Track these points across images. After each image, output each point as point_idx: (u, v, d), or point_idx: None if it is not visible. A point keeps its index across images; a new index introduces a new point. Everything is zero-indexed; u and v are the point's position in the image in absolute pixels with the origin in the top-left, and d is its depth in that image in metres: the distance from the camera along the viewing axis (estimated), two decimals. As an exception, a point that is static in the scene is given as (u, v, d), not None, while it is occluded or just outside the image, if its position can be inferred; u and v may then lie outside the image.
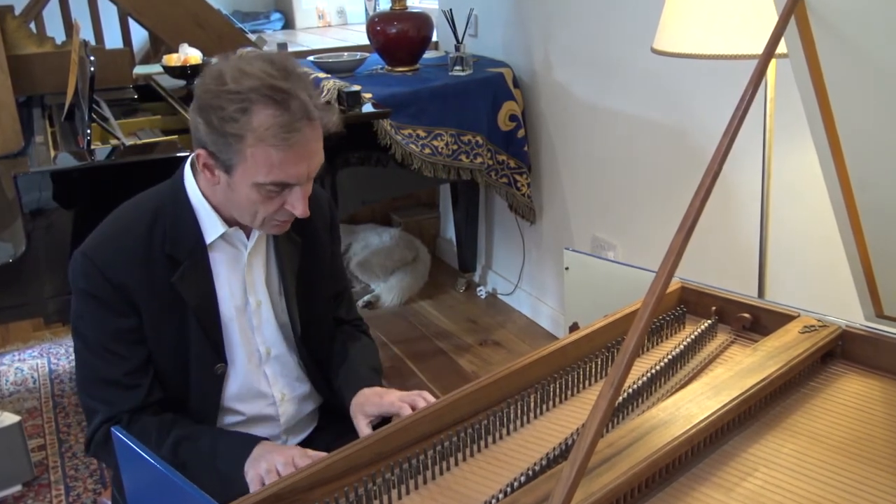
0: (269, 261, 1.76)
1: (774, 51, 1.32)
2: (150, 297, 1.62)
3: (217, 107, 1.50)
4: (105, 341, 1.62)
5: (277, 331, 1.78)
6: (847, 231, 1.55)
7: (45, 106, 3.53)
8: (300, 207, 1.58)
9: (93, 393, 1.65)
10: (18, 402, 3.50)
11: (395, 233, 4.53)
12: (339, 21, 6.11)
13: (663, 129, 3.03)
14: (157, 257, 1.62)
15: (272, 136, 1.48)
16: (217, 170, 1.57)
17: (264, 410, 1.79)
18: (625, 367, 1.03)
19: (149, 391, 1.64)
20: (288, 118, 1.48)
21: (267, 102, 1.48)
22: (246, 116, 1.48)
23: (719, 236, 2.82)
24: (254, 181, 1.53)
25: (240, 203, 1.59)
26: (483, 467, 1.28)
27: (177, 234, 1.63)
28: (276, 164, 1.51)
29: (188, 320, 1.65)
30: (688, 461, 1.25)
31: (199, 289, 1.65)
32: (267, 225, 1.63)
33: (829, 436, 1.32)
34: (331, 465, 1.23)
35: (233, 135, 1.49)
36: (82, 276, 1.61)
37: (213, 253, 1.68)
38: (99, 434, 1.62)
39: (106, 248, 1.62)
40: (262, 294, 1.75)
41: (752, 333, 1.65)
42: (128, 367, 1.62)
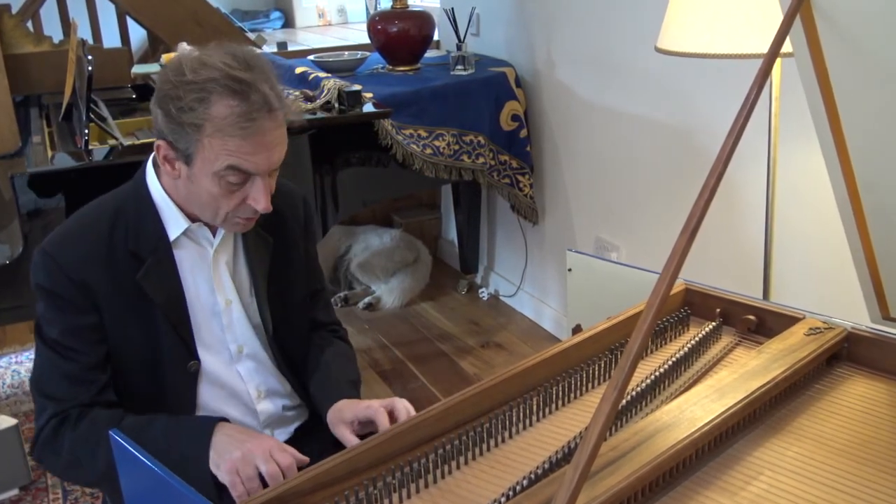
0: (237, 260, 1.76)
1: (779, 50, 1.32)
2: (114, 295, 1.62)
3: (175, 97, 1.51)
4: (63, 337, 1.61)
5: (250, 330, 1.77)
6: (853, 232, 1.55)
7: (42, 106, 3.54)
8: (262, 201, 1.58)
9: (45, 390, 1.63)
10: (15, 404, 3.50)
11: (396, 234, 4.54)
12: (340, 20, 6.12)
13: (667, 129, 3.03)
14: (119, 255, 1.62)
15: (230, 125, 1.49)
16: (177, 162, 1.57)
17: (241, 408, 1.78)
18: (628, 369, 1.03)
19: (102, 388, 1.63)
20: (246, 108, 1.49)
21: (225, 93, 1.49)
22: (204, 106, 1.49)
23: (724, 237, 2.82)
24: (213, 171, 1.53)
25: (201, 197, 1.58)
26: (485, 471, 1.28)
27: (139, 231, 1.64)
28: (233, 152, 1.51)
29: (156, 318, 1.65)
30: (692, 465, 1.25)
31: (165, 286, 1.65)
32: (230, 222, 1.62)
33: (835, 439, 1.32)
34: (332, 467, 1.23)
35: (190, 124, 1.50)
36: (42, 272, 1.61)
37: (178, 250, 1.67)
38: (46, 431, 1.60)
39: (67, 245, 1.62)
40: (231, 293, 1.74)
41: (756, 335, 1.65)
42: (83, 363, 1.61)
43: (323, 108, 3.11)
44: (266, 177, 1.58)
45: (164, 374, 1.68)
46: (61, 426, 1.59)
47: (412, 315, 4.24)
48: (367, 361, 3.72)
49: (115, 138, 2.95)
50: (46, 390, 1.63)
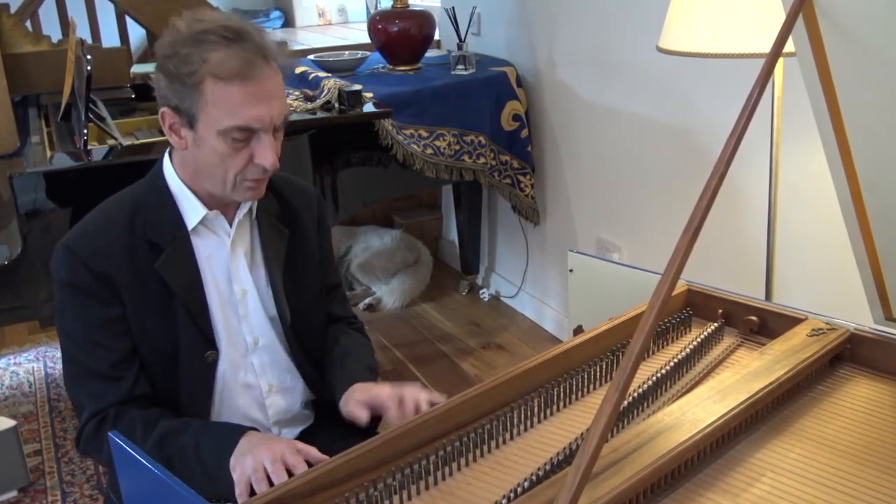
0: (254, 251, 1.78)
1: (782, 50, 1.32)
2: (134, 286, 1.64)
3: (173, 54, 1.55)
4: (88, 333, 1.63)
5: (266, 321, 1.79)
6: (856, 233, 1.55)
7: (41, 105, 3.54)
8: (269, 157, 1.59)
9: (79, 387, 1.66)
10: (14, 406, 3.50)
11: (397, 234, 4.54)
12: (340, 19, 6.11)
13: (669, 129, 3.03)
14: (139, 245, 1.65)
15: (228, 70, 1.52)
16: (183, 129, 1.60)
17: (251, 402, 1.80)
18: (630, 370, 1.03)
19: (134, 384, 1.65)
20: (243, 54, 1.53)
21: (220, 41, 1.53)
22: (201, 54, 1.52)
23: (726, 238, 2.82)
24: (217, 129, 1.55)
25: (209, 162, 1.60)
26: (486, 472, 1.28)
27: (157, 221, 1.66)
28: (236, 104, 1.54)
29: (175, 308, 1.67)
30: (694, 466, 1.25)
31: (184, 275, 1.67)
32: (240, 187, 1.64)
33: (838, 440, 1.32)
34: (332, 469, 1.23)
35: (189, 74, 1.53)
36: (64, 267, 1.63)
37: (195, 239, 1.70)
38: (87, 429, 1.64)
39: (87, 239, 1.65)
40: (247, 284, 1.76)
41: (759, 336, 1.65)
42: (112, 359, 1.64)
43: (323, 108, 3.11)
44: (270, 133, 1.59)
45: (182, 364, 1.70)
46: (101, 426, 1.63)
47: (413, 316, 4.24)
48: (367, 362, 3.71)
49: (115, 138, 2.95)
50: (80, 390, 1.66)
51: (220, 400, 1.76)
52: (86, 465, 3.07)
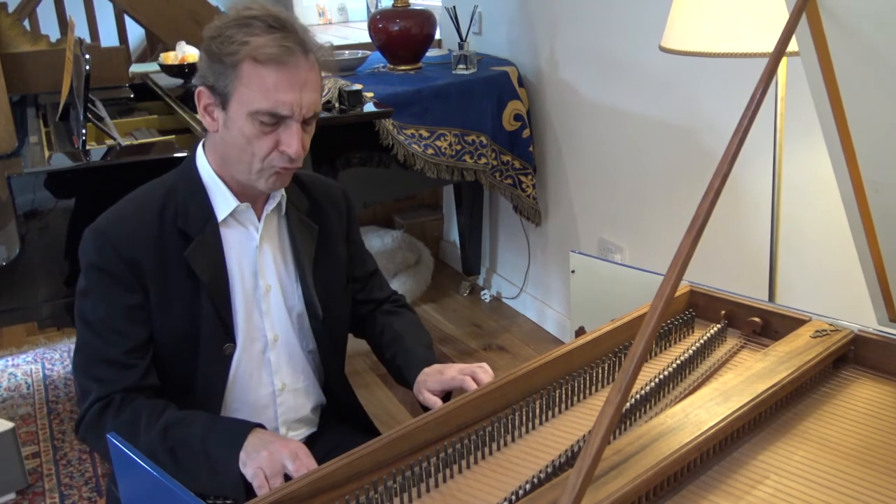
0: (283, 246, 1.81)
1: (785, 49, 1.32)
2: (162, 273, 1.67)
3: (218, 35, 1.61)
4: (108, 317, 1.65)
5: (287, 319, 1.81)
6: (860, 233, 1.55)
7: (39, 105, 3.54)
8: (294, 145, 1.62)
9: (89, 372, 1.67)
10: (12, 408, 3.50)
11: (398, 235, 4.54)
12: (340, 18, 6.12)
13: (672, 129, 3.03)
14: (168, 233, 1.68)
15: (266, 54, 1.57)
16: (215, 109, 1.64)
17: (262, 399, 1.81)
18: (632, 372, 1.04)
19: (145, 373, 1.67)
20: (283, 42, 1.58)
21: (264, 27, 1.59)
22: (244, 37, 1.58)
23: (729, 239, 2.82)
24: (248, 110, 1.59)
25: (236, 144, 1.63)
26: (487, 475, 1.28)
27: (188, 211, 1.70)
28: (269, 88, 1.58)
29: (199, 297, 1.69)
30: (697, 468, 1.25)
31: (211, 264, 1.70)
32: (265, 174, 1.66)
33: (842, 443, 1.32)
34: (332, 472, 1.23)
35: (229, 54, 1.58)
36: (94, 250, 1.66)
37: (224, 230, 1.73)
38: (90, 414, 1.64)
39: (118, 224, 1.68)
40: (272, 279, 1.78)
41: (762, 338, 1.65)
42: (127, 346, 1.65)
43: (323, 108, 3.11)
44: (298, 122, 1.63)
45: (200, 354, 1.71)
46: (104, 411, 1.64)
47: (413, 317, 4.24)
48: (368, 364, 3.72)
49: (113, 138, 2.95)
50: (89, 374, 1.67)
51: (232, 394, 1.77)
52: (84, 468, 3.07)
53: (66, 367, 3.82)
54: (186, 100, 3.45)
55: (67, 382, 3.68)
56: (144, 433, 1.58)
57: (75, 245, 1.69)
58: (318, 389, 1.91)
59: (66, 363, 3.85)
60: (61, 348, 4.00)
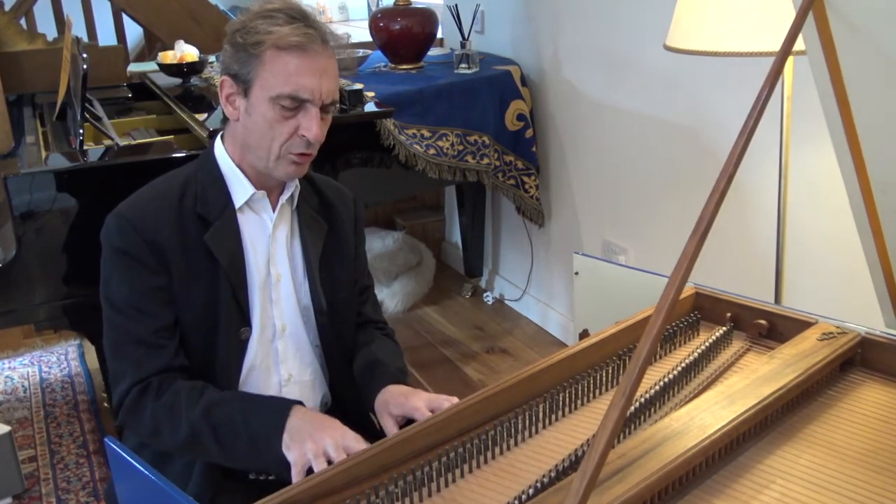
0: (293, 238, 1.86)
1: (792, 48, 1.33)
2: (182, 256, 1.72)
3: (242, 27, 1.69)
4: (133, 299, 1.70)
5: (296, 310, 1.86)
6: (867, 234, 1.55)
7: (36, 105, 3.54)
8: (314, 129, 1.70)
9: (121, 354, 1.72)
10: (8, 411, 3.51)
11: (399, 236, 4.54)
12: (341, 17, 6.12)
13: (676, 129, 3.03)
14: (188, 218, 1.74)
15: (289, 42, 1.65)
16: (237, 98, 1.71)
17: (270, 388, 1.84)
18: (637, 375, 1.04)
19: (175, 354, 1.72)
20: (305, 31, 1.67)
21: (287, 18, 1.67)
22: (267, 27, 1.66)
23: (734, 240, 2.82)
24: (270, 95, 1.66)
25: (257, 129, 1.70)
26: (490, 479, 1.28)
27: (206, 197, 1.76)
28: (291, 73, 1.66)
29: (219, 280, 1.74)
30: (702, 473, 1.25)
31: (229, 248, 1.76)
32: (283, 160, 1.72)
33: (849, 447, 1.32)
34: (332, 476, 1.23)
35: (254, 45, 1.66)
36: (117, 233, 1.71)
37: (241, 217, 1.79)
38: (129, 398, 1.68)
39: (140, 209, 1.74)
40: (283, 268, 1.83)
41: (768, 341, 1.65)
42: (155, 325, 1.70)
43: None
44: (318, 107, 1.70)
45: (218, 338, 1.76)
46: (143, 395, 1.68)
47: (415, 320, 4.25)
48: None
49: (111, 138, 2.95)
50: (121, 356, 1.72)
51: (246, 380, 1.81)
52: (81, 472, 3.07)
53: (63, 370, 3.83)
54: (185, 99, 3.45)
55: (64, 386, 3.69)
56: (186, 414, 1.64)
57: (73, 246, 1.70)
58: (324, 386, 1.93)
59: (64, 366, 3.86)
60: (58, 351, 4.01)
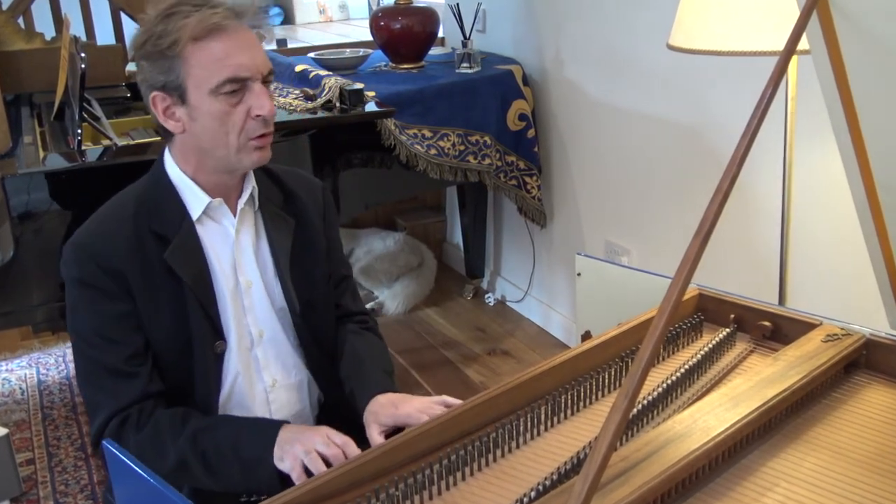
0: (259, 241, 1.82)
1: (796, 47, 1.33)
2: (145, 279, 1.68)
3: (149, 36, 1.62)
4: (100, 328, 1.68)
5: (271, 313, 1.82)
6: (872, 235, 1.55)
7: (33, 105, 3.54)
8: (266, 104, 1.65)
9: (94, 385, 1.70)
10: (6, 414, 3.51)
11: (400, 237, 4.54)
12: (342, 16, 6.12)
13: (679, 129, 3.03)
14: (145, 238, 1.69)
15: (204, 29, 1.60)
16: (176, 108, 1.65)
17: (257, 397, 1.82)
18: (639, 377, 1.04)
19: (149, 380, 1.69)
20: (214, 12, 1.61)
21: (191, 9, 1.61)
22: (175, 24, 1.60)
23: (738, 241, 2.82)
24: (209, 88, 1.61)
25: (209, 130, 1.65)
26: (491, 482, 1.28)
27: (162, 213, 1.72)
28: (220, 58, 1.61)
29: (185, 298, 1.71)
30: (705, 476, 1.25)
31: (192, 264, 1.71)
32: (246, 150, 1.68)
33: (853, 449, 1.32)
34: (333, 479, 1.23)
35: (170, 46, 1.60)
36: (74, 264, 1.68)
37: (200, 229, 1.74)
38: (109, 430, 1.66)
39: (94, 236, 1.70)
40: (252, 274, 1.79)
41: (772, 342, 1.65)
42: (126, 353, 1.67)
43: (324, 108, 3.11)
44: (260, 82, 1.66)
45: (193, 355, 1.73)
46: (123, 427, 1.66)
47: (416, 321, 4.25)
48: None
49: (109, 138, 2.95)
50: (94, 388, 1.70)
51: (229, 393, 1.79)
52: (79, 475, 3.08)
53: (60, 372, 3.83)
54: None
55: (62, 388, 3.69)
56: (171, 444, 1.62)
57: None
58: (313, 385, 1.92)
59: (62, 368, 3.86)
60: (56, 353, 4.01)
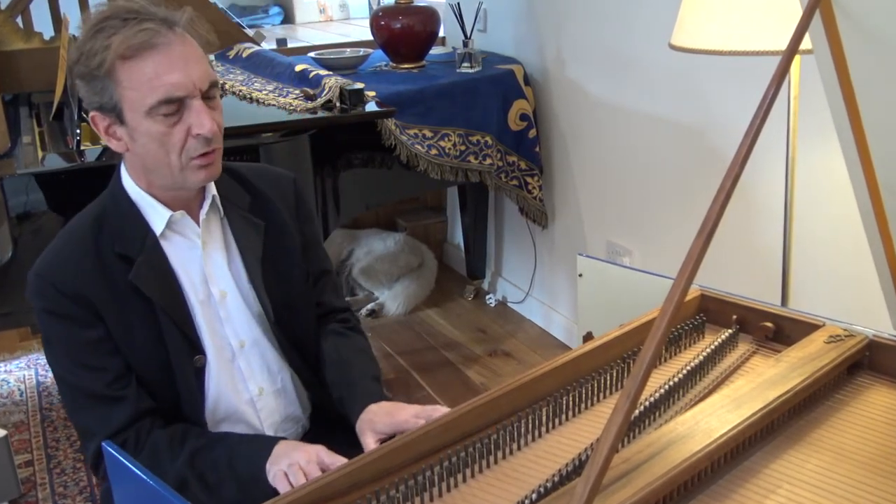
0: (229, 248, 1.78)
1: (798, 47, 1.33)
2: (113, 302, 1.65)
3: (80, 54, 1.56)
4: (77, 357, 1.65)
5: (251, 321, 1.80)
6: (875, 236, 1.55)
7: (32, 105, 3.54)
8: (206, 123, 1.58)
9: (82, 413, 1.68)
10: (4, 415, 3.51)
11: (400, 238, 4.54)
12: (342, 15, 6.12)
13: (682, 129, 3.03)
14: (109, 261, 1.65)
15: (131, 47, 1.53)
16: (115, 126, 1.61)
17: (244, 406, 1.80)
18: (641, 378, 1.04)
19: (137, 400, 1.67)
20: (142, 27, 1.54)
21: (119, 24, 1.54)
22: (103, 42, 1.53)
23: (741, 242, 2.82)
24: (143, 110, 1.55)
25: (149, 151, 1.61)
26: (492, 484, 1.28)
27: (123, 232, 1.67)
28: (151, 78, 1.54)
29: (158, 317, 1.67)
30: (707, 478, 1.25)
31: (160, 282, 1.68)
32: (189, 169, 1.63)
33: (857, 451, 1.32)
34: (332, 481, 1.23)
35: (98, 66, 1.54)
36: (38, 295, 1.64)
37: (166, 245, 1.70)
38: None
39: (56, 264, 1.65)
40: (226, 284, 1.76)
41: (774, 343, 1.65)
42: (107, 379, 1.65)
43: (324, 108, 3.11)
44: (198, 98, 1.59)
45: (174, 372, 1.70)
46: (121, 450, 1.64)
47: (417, 322, 4.25)
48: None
49: (109, 139, 2.95)
50: (84, 415, 1.68)
51: (216, 405, 1.77)
52: (78, 477, 3.08)
53: (59, 373, 3.82)
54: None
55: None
56: (170, 465, 1.61)
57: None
58: (302, 389, 1.90)
59: (60, 369, 3.86)
60: (55, 354, 4.00)
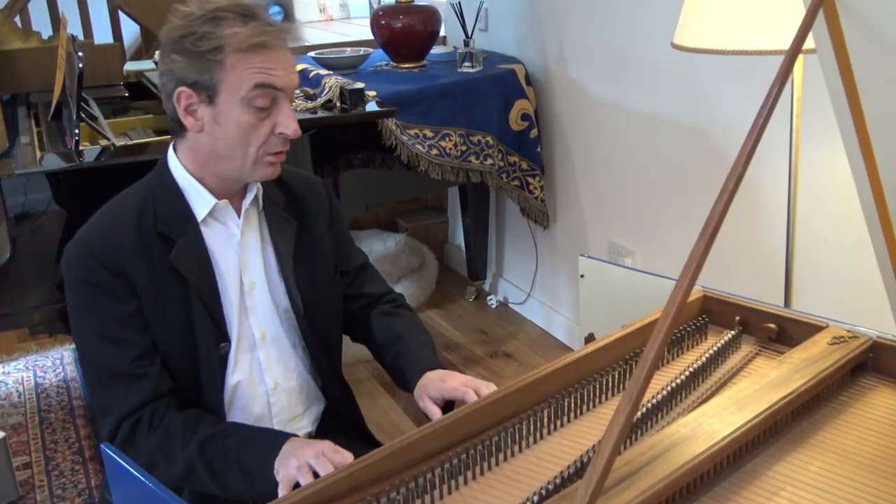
0: (264, 242, 1.83)
1: (801, 46, 1.32)
2: (149, 280, 1.69)
3: (189, 33, 1.63)
4: (106, 329, 1.68)
5: (274, 314, 1.84)
6: (878, 237, 1.55)
7: (30, 105, 3.55)
8: (291, 124, 1.68)
9: (102, 390, 1.71)
10: (2, 417, 3.51)
11: (401, 238, 4.55)
12: (342, 15, 6.12)
13: (684, 129, 3.03)
14: (150, 239, 1.70)
15: (251, 44, 1.62)
16: (200, 107, 1.66)
17: (258, 399, 1.83)
18: (643, 380, 1.04)
19: (158, 380, 1.70)
20: (260, 28, 1.63)
21: (235, 18, 1.63)
22: (219, 29, 1.61)
23: (743, 242, 2.82)
24: (241, 96, 1.63)
25: (229, 138, 1.66)
26: (494, 486, 1.28)
27: (167, 214, 1.72)
28: (260, 69, 1.62)
29: (190, 298, 1.72)
30: (710, 480, 1.25)
31: (197, 265, 1.73)
32: (260, 163, 1.70)
33: (860, 453, 1.32)
34: (333, 483, 1.23)
35: (212, 50, 1.61)
36: (78, 264, 1.68)
37: (205, 230, 1.75)
38: (120, 434, 1.67)
39: (98, 236, 1.70)
40: (256, 275, 1.81)
41: (777, 345, 1.65)
42: (132, 355, 1.68)
43: (324, 107, 3.12)
44: (289, 101, 1.69)
45: (198, 356, 1.74)
46: (135, 431, 1.67)
47: (417, 323, 4.24)
48: (370, 371, 3.72)
49: (107, 138, 2.95)
50: (103, 391, 1.71)
51: (232, 396, 1.80)
52: (77, 479, 3.08)
53: (58, 375, 3.83)
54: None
55: (59, 391, 3.69)
56: (181, 450, 1.63)
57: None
58: (314, 389, 1.93)
59: (59, 371, 3.86)
60: (53, 356, 4.01)
